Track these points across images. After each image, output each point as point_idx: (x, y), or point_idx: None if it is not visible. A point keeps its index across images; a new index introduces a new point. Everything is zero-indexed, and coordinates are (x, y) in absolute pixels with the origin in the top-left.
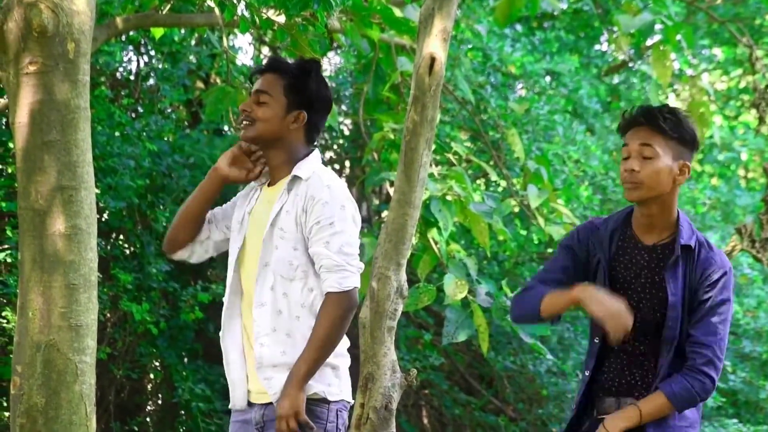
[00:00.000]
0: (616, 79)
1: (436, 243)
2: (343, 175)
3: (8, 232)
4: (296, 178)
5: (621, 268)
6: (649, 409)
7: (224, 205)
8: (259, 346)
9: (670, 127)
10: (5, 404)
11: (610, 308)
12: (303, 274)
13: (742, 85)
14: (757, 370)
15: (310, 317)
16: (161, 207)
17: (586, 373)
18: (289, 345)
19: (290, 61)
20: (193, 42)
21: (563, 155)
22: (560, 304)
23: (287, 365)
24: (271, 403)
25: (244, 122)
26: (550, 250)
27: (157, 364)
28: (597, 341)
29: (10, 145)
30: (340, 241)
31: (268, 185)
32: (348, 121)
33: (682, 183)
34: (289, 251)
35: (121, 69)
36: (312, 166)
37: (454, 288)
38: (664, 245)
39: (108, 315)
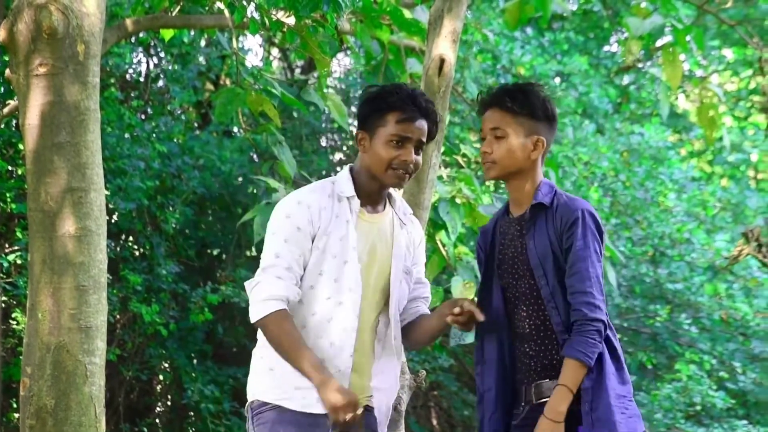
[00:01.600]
0: (625, 80)
1: (443, 245)
2: None
3: (18, 234)
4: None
5: (503, 247)
6: (569, 379)
7: (298, 256)
8: None
9: (519, 105)
10: (15, 405)
11: None
12: None
13: (752, 86)
14: (767, 370)
15: None
16: (171, 208)
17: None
18: None
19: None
20: (202, 43)
21: (573, 157)
22: None
23: None
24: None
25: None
26: None
27: (167, 365)
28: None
29: (20, 146)
30: None
31: (370, 212)
32: None
33: (538, 156)
34: (405, 288)
35: (130, 71)
36: None
37: (462, 290)
38: (526, 212)
39: (117, 316)
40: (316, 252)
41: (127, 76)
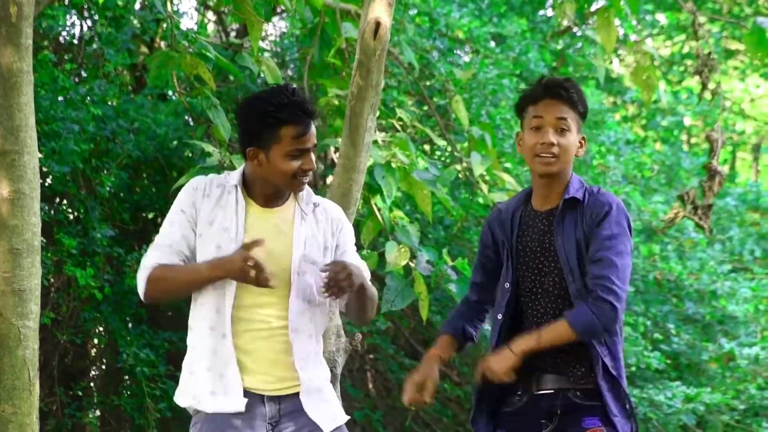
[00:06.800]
0: (561, 45)
1: (379, 209)
2: None
3: None
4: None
5: (527, 240)
6: (550, 333)
7: (180, 236)
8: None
9: (576, 101)
10: None
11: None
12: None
13: (686, 50)
14: (700, 332)
15: None
16: (105, 171)
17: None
18: None
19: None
20: (137, 6)
21: (511, 120)
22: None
23: None
24: (287, 396)
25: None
26: None
27: (102, 329)
28: (500, 317)
29: None
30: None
31: (264, 206)
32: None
33: (580, 156)
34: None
35: (64, 33)
36: None
37: (396, 255)
38: (556, 207)
39: (52, 280)
40: (199, 239)
41: (61, 39)
